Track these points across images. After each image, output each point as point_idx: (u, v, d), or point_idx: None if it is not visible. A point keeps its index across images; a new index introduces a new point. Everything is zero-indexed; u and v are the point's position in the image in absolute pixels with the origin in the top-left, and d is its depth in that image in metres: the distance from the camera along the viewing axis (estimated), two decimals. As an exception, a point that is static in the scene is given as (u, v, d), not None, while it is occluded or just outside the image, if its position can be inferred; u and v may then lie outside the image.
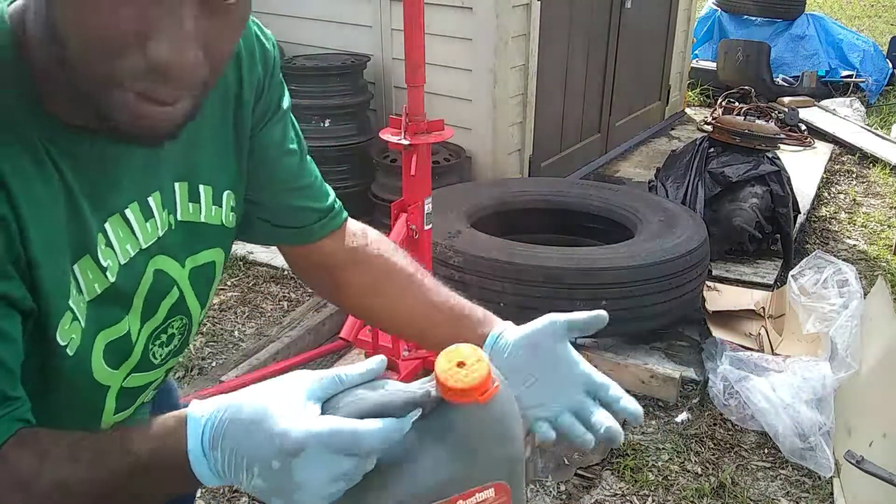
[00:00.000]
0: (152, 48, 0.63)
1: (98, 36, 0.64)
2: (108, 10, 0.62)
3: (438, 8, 3.51)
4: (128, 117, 0.67)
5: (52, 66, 0.68)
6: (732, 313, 2.94)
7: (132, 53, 0.64)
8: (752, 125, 3.69)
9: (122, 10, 0.62)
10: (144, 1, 0.62)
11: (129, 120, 0.67)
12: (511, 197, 3.32)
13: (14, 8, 0.71)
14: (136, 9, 0.62)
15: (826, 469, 2.33)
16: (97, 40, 0.64)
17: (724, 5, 7.23)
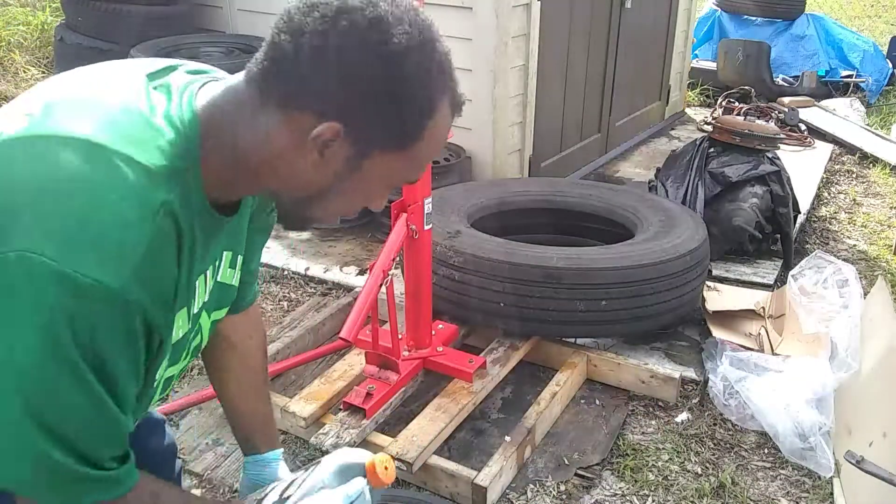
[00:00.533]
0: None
1: (352, 204, 1.00)
2: (375, 196, 1.00)
3: (438, 8, 3.51)
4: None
5: (239, 173, 0.93)
6: (732, 313, 2.94)
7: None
8: (752, 125, 3.68)
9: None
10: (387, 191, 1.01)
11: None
12: (511, 197, 3.32)
13: (206, 104, 0.92)
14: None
15: (826, 469, 2.33)
16: (346, 206, 1.00)
17: (724, 5, 7.23)
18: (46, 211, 0.80)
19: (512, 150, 3.90)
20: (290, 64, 0.87)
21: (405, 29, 0.86)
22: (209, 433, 2.50)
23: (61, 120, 0.86)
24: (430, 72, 0.89)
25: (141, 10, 4.05)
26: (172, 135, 0.88)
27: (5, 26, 6.17)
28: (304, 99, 0.88)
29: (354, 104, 0.87)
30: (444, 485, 2.23)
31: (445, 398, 2.45)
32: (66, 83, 0.95)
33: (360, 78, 0.86)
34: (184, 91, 0.92)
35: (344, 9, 0.86)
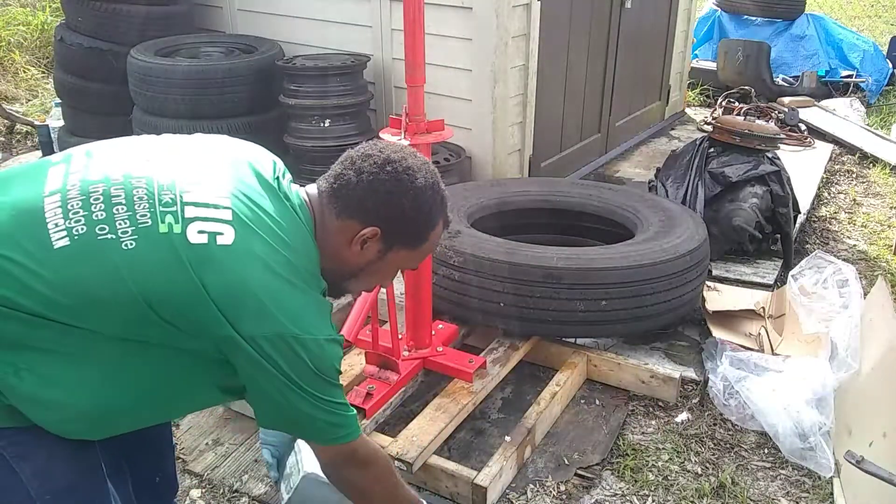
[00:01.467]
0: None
1: (372, 283, 1.69)
2: (387, 278, 1.62)
3: (438, 8, 3.51)
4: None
5: (337, 262, 1.46)
6: (732, 313, 2.94)
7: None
8: (752, 125, 3.68)
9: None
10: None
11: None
12: (511, 197, 3.32)
13: (316, 195, 1.47)
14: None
15: (826, 469, 2.33)
16: (369, 284, 1.66)
17: (724, 5, 7.23)
18: (286, 307, 1.29)
19: (512, 150, 3.90)
20: (353, 190, 1.40)
21: (424, 175, 1.44)
22: (209, 433, 2.50)
23: (261, 245, 1.30)
24: (436, 202, 1.47)
25: (141, 10, 4.05)
26: (314, 249, 1.41)
27: (5, 26, 6.17)
28: (357, 212, 1.40)
29: (390, 217, 1.41)
30: (444, 485, 2.23)
31: (445, 398, 2.45)
32: (221, 177, 1.36)
33: (396, 202, 1.40)
34: (297, 197, 1.44)
35: (388, 160, 1.41)
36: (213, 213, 1.29)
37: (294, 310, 1.30)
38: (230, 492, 2.26)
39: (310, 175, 3.78)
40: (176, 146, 1.44)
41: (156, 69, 3.70)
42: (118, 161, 1.36)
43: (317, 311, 1.35)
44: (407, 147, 1.49)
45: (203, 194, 1.32)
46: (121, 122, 4.08)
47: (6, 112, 5.08)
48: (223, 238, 1.27)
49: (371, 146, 1.45)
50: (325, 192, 1.43)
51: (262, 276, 1.28)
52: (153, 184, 1.30)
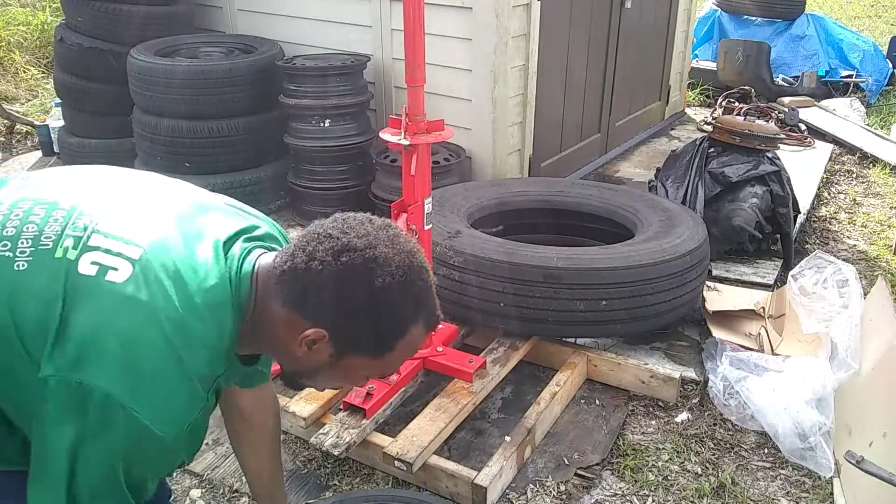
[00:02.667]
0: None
1: (334, 384, 1.37)
2: (353, 381, 1.34)
3: (438, 8, 3.51)
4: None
5: (257, 342, 1.24)
6: (732, 313, 2.94)
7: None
8: (752, 125, 3.68)
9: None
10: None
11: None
12: (511, 197, 3.32)
13: (262, 265, 1.21)
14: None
15: (826, 469, 2.33)
16: (330, 384, 1.36)
17: (724, 5, 7.23)
18: (135, 368, 1.09)
19: (512, 150, 3.90)
20: (299, 279, 1.15)
21: (391, 270, 1.14)
22: (209, 433, 2.50)
23: (161, 288, 1.13)
24: (404, 306, 1.17)
25: (141, 10, 4.04)
26: (233, 316, 1.19)
27: (5, 26, 6.17)
28: (302, 307, 1.16)
29: (340, 321, 1.15)
30: (444, 485, 2.23)
31: (445, 398, 2.45)
32: (156, 217, 1.23)
33: (347, 304, 1.14)
34: (242, 266, 1.21)
35: (348, 247, 1.14)
36: (119, 247, 1.16)
37: (149, 384, 1.10)
38: (230, 492, 2.26)
39: (310, 176, 3.79)
40: (138, 182, 1.33)
41: (156, 69, 3.70)
42: (63, 185, 1.28)
43: (182, 400, 1.13)
44: (387, 229, 1.20)
45: (121, 227, 1.19)
46: (121, 122, 4.09)
47: (6, 112, 5.08)
48: (115, 274, 1.13)
49: (340, 223, 1.18)
50: (276, 272, 1.18)
51: (137, 329, 1.10)
52: (75, 210, 1.21)
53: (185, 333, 1.12)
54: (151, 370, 1.10)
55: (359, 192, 3.79)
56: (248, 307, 1.20)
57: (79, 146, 4.28)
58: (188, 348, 1.12)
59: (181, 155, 3.78)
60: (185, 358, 1.12)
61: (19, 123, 5.11)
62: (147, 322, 1.11)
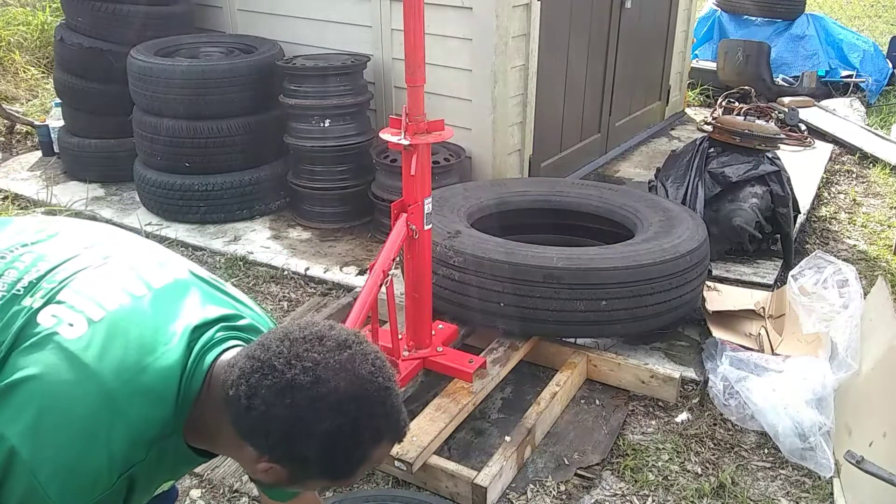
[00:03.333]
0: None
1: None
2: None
3: (438, 8, 3.51)
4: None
5: (212, 445, 1.19)
6: (732, 313, 2.94)
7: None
8: (752, 125, 3.68)
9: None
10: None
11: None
12: (511, 197, 3.32)
13: (221, 363, 1.14)
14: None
15: (826, 469, 2.33)
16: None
17: (724, 5, 7.23)
18: (48, 427, 1.03)
19: (512, 150, 3.90)
20: (242, 417, 1.07)
21: (342, 409, 1.05)
22: (209, 433, 2.49)
23: (109, 355, 1.09)
24: (360, 441, 1.08)
25: (141, 10, 4.04)
26: (175, 405, 1.11)
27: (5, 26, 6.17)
28: (251, 441, 1.09)
29: (289, 458, 1.08)
30: (444, 485, 2.23)
31: (445, 398, 2.45)
32: (133, 288, 1.19)
33: (294, 447, 1.06)
34: (203, 357, 1.15)
35: (291, 385, 1.04)
36: (84, 305, 1.13)
37: (56, 449, 1.03)
38: (230, 492, 2.26)
39: (310, 176, 3.79)
40: (130, 248, 1.32)
41: (156, 69, 3.70)
42: (59, 238, 1.28)
43: (85, 476, 1.05)
44: (341, 351, 1.08)
45: (93, 289, 1.16)
46: (121, 122, 4.09)
47: (6, 112, 5.08)
48: (69, 330, 1.09)
49: (286, 350, 1.07)
50: (223, 389, 1.10)
51: (67, 388, 1.05)
52: (60, 265, 1.20)
53: (113, 409, 1.06)
54: (63, 436, 1.04)
55: (359, 192, 3.79)
56: (196, 404, 1.13)
57: (79, 146, 4.28)
58: (109, 426, 1.05)
59: (181, 155, 3.78)
60: (104, 434, 1.05)
61: (19, 123, 5.11)
62: (78, 383, 1.06)
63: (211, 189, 3.81)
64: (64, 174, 4.45)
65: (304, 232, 3.84)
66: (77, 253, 1.25)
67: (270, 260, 3.54)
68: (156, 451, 1.11)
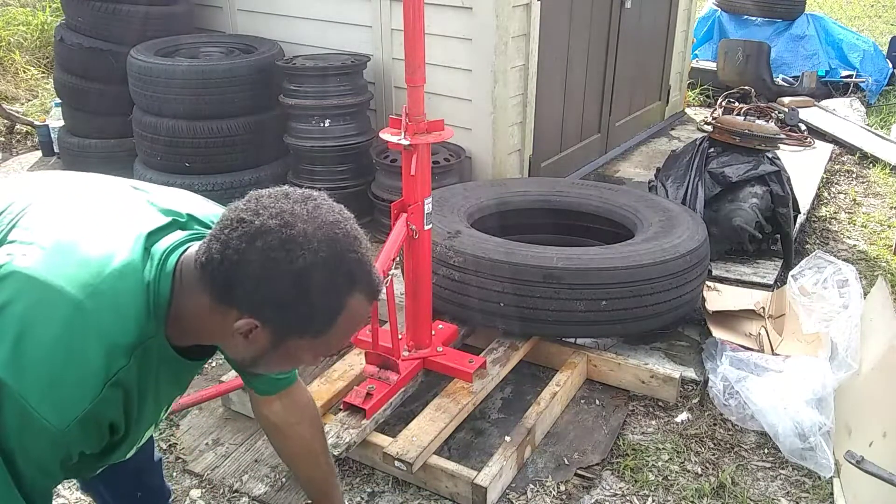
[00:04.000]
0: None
1: (284, 367, 1.33)
2: (305, 362, 1.25)
3: (438, 8, 3.51)
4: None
5: (195, 334, 1.19)
6: (732, 313, 2.94)
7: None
8: (752, 125, 3.68)
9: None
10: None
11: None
12: (511, 197, 3.32)
13: (177, 279, 1.15)
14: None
15: (826, 469, 2.33)
16: (280, 367, 1.34)
17: (724, 5, 7.23)
18: (26, 351, 1.05)
19: (512, 150, 3.90)
20: (217, 271, 1.09)
21: (313, 247, 1.07)
22: (209, 433, 2.50)
23: (64, 271, 1.10)
24: (335, 282, 1.09)
25: (141, 10, 4.04)
26: (147, 309, 1.13)
27: (5, 26, 6.17)
28: (227, 299, 1.10)
29: (267, 308, 1.09)
30: (444, 485, 2.23)
31: (445, 398, 2.45)
32: (79, 212, 1.20)
33: (270, 289, 1.07)
34: (166, 259, 1.16)
35: (261, 230, 1.07)
36: (33, 237, 1.15)
37: (38, 369, 1.05)
38: (230, 492, 2.26)
39: (310, 176, 3.79)
40: (77, 182, 1.34)
41: (156, 69, 3.70)
42: (14, 188, 1.31)
43: (71, 389, 1.07)
44: (306, 202, 1.12)
45: (41, 221, 1.19)
46: (121, 122, 4.09)
47: (6, 112, 5.08)
48: (23, 259, 1.11)
49: (253, 204, 1.11)
50: (196, 264, 1.12)
51: (34, 310, 1.07)
52: (8, 208, 1.23)
53: (83, 319, 1.08)
54: (42, 355, 1.05)
55: (359, 192, 3.79)
56: (172, 303, 1.15)
57: (79, 146, 4.28)
58: (83, 337, 1.08)
59: (181, 155, 3.78)
60: (78, 345, 1.07)
61: (19, 123, 5.11)
62: (44, 302, 1.07)
63: (211, 189, 3.81)
64: (64, 174, 4.44)
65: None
66: (21, 195, 1.26)
67: (270, 260, 3.53)
68: (138, 355, 1.12)
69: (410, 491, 2.27)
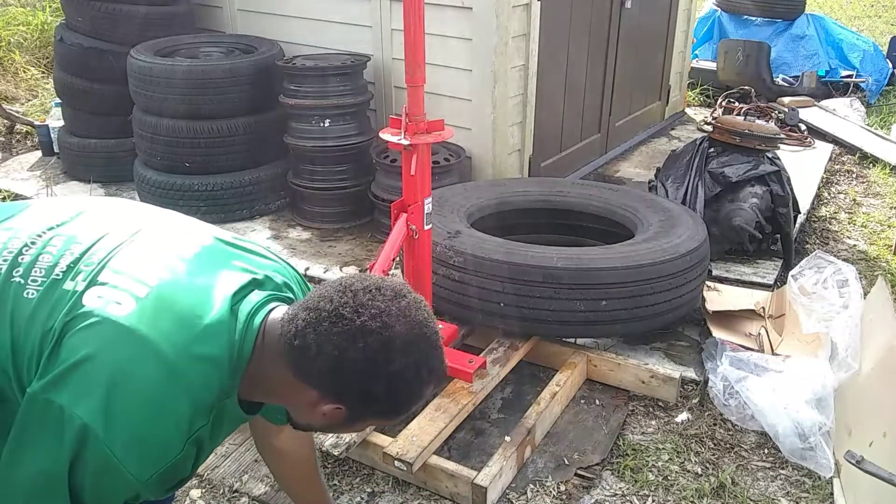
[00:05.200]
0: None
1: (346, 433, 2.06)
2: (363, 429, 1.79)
3: (438, 8, 3.51)
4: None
5: (266, 396, 1.26)
6: (732, 313, 2.94)
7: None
8: (752, 125, 3.68)
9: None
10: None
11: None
12: (511, 197, 3.32)
13: (261, 340, 1.20)
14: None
15: (826, 469, 2.33)
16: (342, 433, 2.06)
17: (724, 5, 7.23)
18: (118, 404, 1.08)
19: (512, 150, 3.90)
20: (311, 360, 1.14)
21: (408, 351, 1.14)
22: (209, 433, 2.49)
23: (160, 327, 1.13)
24: (420, 380, 1.18)
25: (141, 10, 4.04)
26: (231, 369, 1.17)
27: (5, 26, 6.17)
28: (318, 384, 1.16)
29: (356, 398, 1.17)
30: (444, 485, 2.23)
31: (445, 398, 2.45)
32: (170, 262, 1.23)
33: (365, 386, 1.15)
34: (251, 320, 1.20)
35: (363, 330, 1.12)
36: (127, 284, 1.17)
37: (127, 423, 1.08)
38: (230, 492, 2.26)
39: (310, 176, 3.79)
40: (158, 222, 1.35)
41: (156, 69, 3.70)
42: (85, 219, 1.32)
43: (157, 447, 1.11)
44: (398, 299, 1.16)
45: (133, 266, 1.21)
46: (121, 122, 4.09)
47: (6, 112, 5.08)
48: (117, 308, 1.13)
49: (350, 300, 1.14)
50: (284, 340, 1.16)
51: (128, 364, 1.10)
52: (93, 245, 1.24)
53: (175, 379, 1.11)
54: (133, 410, 1.09)
55: (359, 192, 3.79)
56: (251, 363, 1.20)
57: (79, 146, 4.28)
58: (174, 396, 1.11)
59: (181, 155, 3.78)
60: (170, 405, 1.11)
61: (19, 123, 5.11)
62: (139, 358, 1.10)
63: (211, 189, 3.81)
64: (64, 174, 4.45)
65: (304, 232, 3.84)
66: (106, 231, 1.28)
67: (270, 260, 3.53)
68: (215, 413, 1.18)
69: (410, 491, 2.27)
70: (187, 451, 1.15)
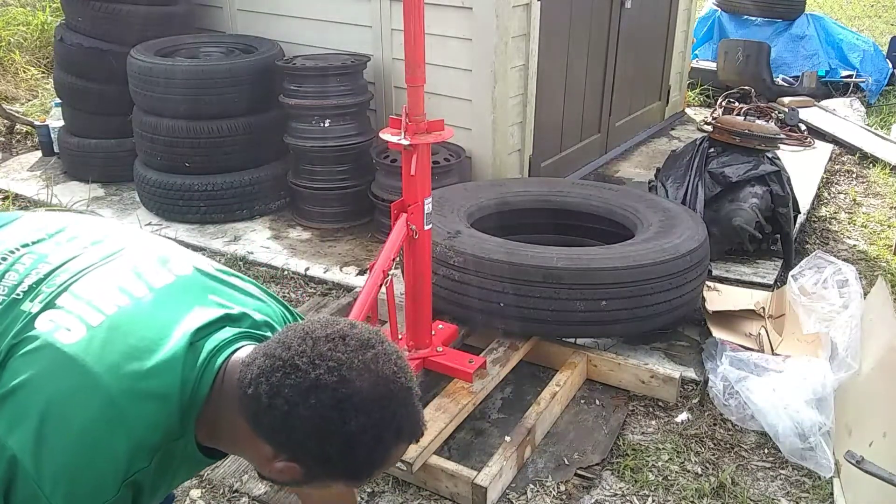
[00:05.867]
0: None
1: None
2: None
3: (438, 8, 3.51)
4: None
5: (222, 444, 1.15)
6: (732, 313, 2.94)
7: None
8: (752, 125, 3.68)
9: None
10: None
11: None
12: (511, 197, 3.32)
13: (233, 362, 1.11)
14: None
15: (826, 469, 2.33)
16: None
17: (724, 5, 7.23)
18: (50, 437, 1.01)
19: (512, 150, 3.90)
20: (263, 414, 1.04)
21: (366, 409, 1.02)
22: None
23: (107, 359, 1.06)
24: (382, 441, 1.06)
25: (141, 10, 4.05)
26: (180, 410, 1.08)
27: (5, 26, 6.17)
28: (270, 440, 1.06)
29: (309, 457, 1.06)
30: (444, 485, 2.23)
31: (445, 398, 2.45)
32: (134, 292, 1.16)
33: (317, 446, 1.04)
34: (212, 360, 1.12)
35: (316, 385, 1.01)
36: (82, 310, 1.11)
37: (58, 459, 1.01)
38: (230, 492, 2.26)
39: (310, 176, 3.79)
40: (134, 246, 1.28)
41: (156, 69, 3.70)
42: (61, 239, 1.27)
43: (87, 485, 1.03)
44: (364, 351, 1.06)
45: (93, 292, 1.14)
46: (121, 122, 4.09)
47: (6, 112, 5.08)
48: (65, 334, 1.08)
49: (309, 349, 1.05)
50: (239, 387, 1.07)
51: (66, 396, 1.03)
52: (61, 266, 1.19)
53: (114, 415, 1.04)
54: (64, 445, 1.02)
55: (359, 192, 3.79)
56: (207, 405, 1.11)
57: (79, 146, 4.28)
58: (110, 433, 1.03)
59: (181, 155, 3.79)
60: (105, 442, 1.03)
61: (19, 123, 5.11)
62: (77, 389, 1.04)
63: (211, 189, 3.81)
64: (64, 174, 4.45)
65: (304, 232, 3.84)
66: (78, 253, 1.23)
67: (270, 260, 3.53)
68: (160, 456, 1.09)
69: (410, 491, 2.27)
70: (123, 494, 1.06)
